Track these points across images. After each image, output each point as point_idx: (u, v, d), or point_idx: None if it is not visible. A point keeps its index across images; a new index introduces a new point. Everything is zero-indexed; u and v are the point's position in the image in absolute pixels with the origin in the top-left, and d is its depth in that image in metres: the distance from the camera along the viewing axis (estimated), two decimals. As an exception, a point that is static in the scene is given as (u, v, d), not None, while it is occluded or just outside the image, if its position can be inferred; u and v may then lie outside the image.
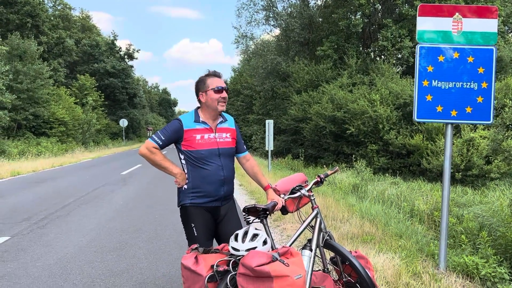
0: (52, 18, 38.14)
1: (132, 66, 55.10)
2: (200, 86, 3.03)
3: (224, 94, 2.99)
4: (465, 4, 19.34)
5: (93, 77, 43.56)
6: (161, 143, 2.95)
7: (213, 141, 2.98)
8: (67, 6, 44.27)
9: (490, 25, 4.37)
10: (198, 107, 3.11)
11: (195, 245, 2.68)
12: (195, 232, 2.97)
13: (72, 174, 15.56)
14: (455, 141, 13.47)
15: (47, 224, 6.94)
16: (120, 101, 50.56)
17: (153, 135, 2.98)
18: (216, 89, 2.96)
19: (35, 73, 27.27)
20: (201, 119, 3.01)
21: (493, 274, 4.13)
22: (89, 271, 4.65)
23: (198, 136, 2.95)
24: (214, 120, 3.05)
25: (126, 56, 54.75)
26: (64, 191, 10.76)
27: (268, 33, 31.18)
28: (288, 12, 27.45)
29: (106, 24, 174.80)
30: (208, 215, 3.02)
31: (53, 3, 42.14)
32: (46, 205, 8.69)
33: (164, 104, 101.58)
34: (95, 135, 38.19)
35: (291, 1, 28.03)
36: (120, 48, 53.61)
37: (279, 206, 3.02)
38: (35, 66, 27.52)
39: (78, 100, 37.56)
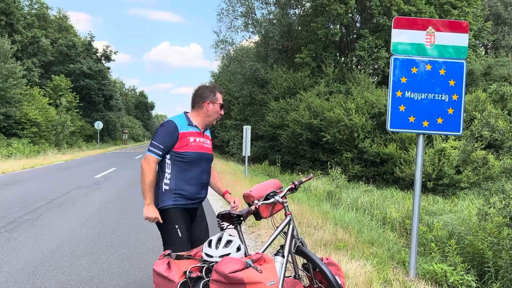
0: (27, 17, 37.27)
1: (109, 68, 54.22)
2: (208, 95, 3.11)
3: (222, 112, 3.20)
4: (439, 18, 19.93)
5: (69, 78, 42.66)
6: (161, 153, 2.95)
7: (202, 145, 3.09)
8: (44, 5, 43.37)
9: (461, 39, 4.53)
10: (187, 112, 3.18)
11: (168, 251, 2.67)
12: (180, 233, 2.98)
13: (44, 176, 15.18)
14: (427, 151, 13.79)
15: (15, 228, 6.74)
16: (95, 103, 49.65)
17: (151, 147, 2.94)
18: (221, 105, 3.17)
19: (8, 72, 26.54)
20: (194, 123, 3.09)
21: (460, 281, 4.24)
22: (58, 276, 4.54)
23: (192, 139, 3.02)
24: (202, 127, 3.16)
25: (103, 58, 53.91)
26: (34, 194, 10.48)
27: (247, 40, 31.32)
28: (268, 19, 27.66)
29: (85, 25, 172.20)
30: (188, 216, 3.07)
31: (29, 1, 41.26)
32: (15, 208, 8.45)
33: (141, 107, 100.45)
34: (69, 137, 37.32)
35: (270, 9, 28.28)
36: (97, 49, 52.79)
37: (237, 206, 3.14)
38: (7, 65, 26.78)
39: (52, 101, 36.69)
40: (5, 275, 4.55)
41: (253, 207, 3.01)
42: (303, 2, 27.29)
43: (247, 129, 15.68)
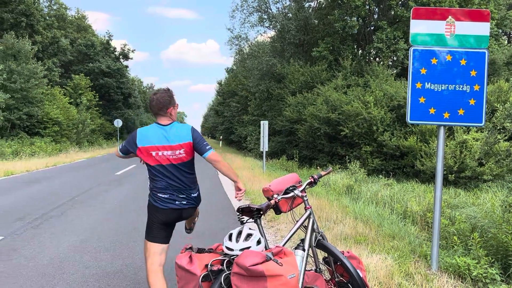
0: (47, 18, 37.96)
1: (127, 66, 54.82)
2: (170, 101, 3.28)
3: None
4: (459, 7, 19.49)
5: (88, 77, 43.36)
6: None
7: None
8: (63, 6, 44.08)
9: (482, 28, 4.42)
10: (159, 123, 3.33)
11: (190, 245, 2.71)
12: None
13: (66, 174, 15.51)
14: (448, 143, 13.56)
15: (40, 224, 6.92)
16: (114, 101, 50.35)
17: (209, 145, 3.29)
18: (177, 106, 3.40)
19: (29, 73, 27.12)
20: None
21: (484, 274, 4.17)
22: (83, 271, 4.65)
23: None
24: None
25: (121, 56, 54.54)
26: (58, 191, 10.72)
27: (261, 35, 31.24)
28: (283, 13, 27.52)
29: (103, 24, 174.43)
30: None
31: (48, 2, 41.97)
32: (40, 205, 8.66)
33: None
34: (89, 135, 38.00)
35: (285, 2, 28.14)
36: (115, 48, 53.41)
37: None
38: (29, 65, 27.35)
39: (73, 100, 37.37)
40: (32, 269, 4.68)
41: (272, 201, 3.02)
42: (319, -5, 27.08)
43: (264, 124, 15.68)
